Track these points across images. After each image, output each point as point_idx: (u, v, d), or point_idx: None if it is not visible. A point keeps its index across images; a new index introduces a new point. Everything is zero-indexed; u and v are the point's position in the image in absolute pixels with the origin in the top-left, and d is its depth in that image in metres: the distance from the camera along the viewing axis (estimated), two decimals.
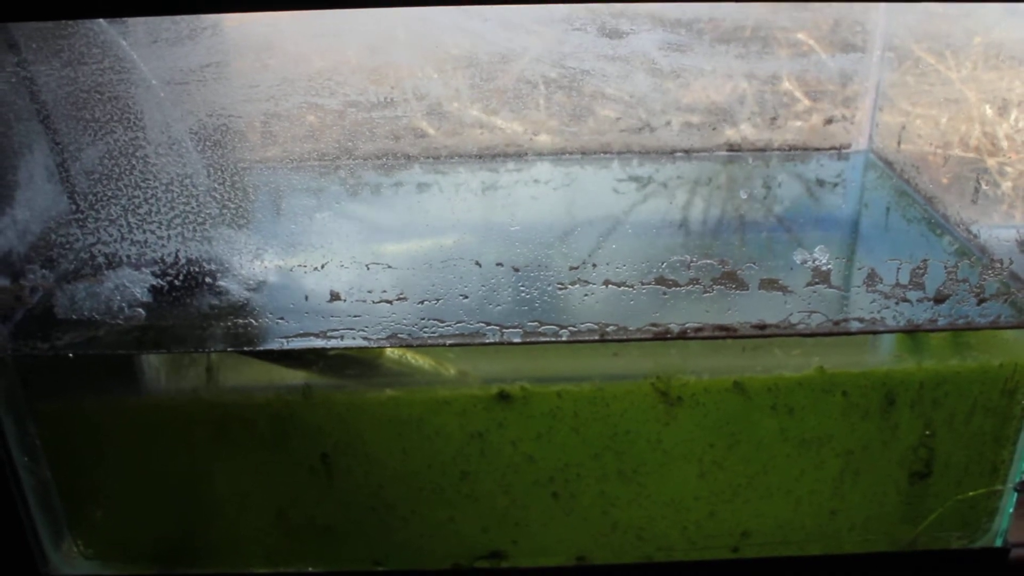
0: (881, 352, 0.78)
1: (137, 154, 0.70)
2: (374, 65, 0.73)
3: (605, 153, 1.02)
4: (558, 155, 1.02)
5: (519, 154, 1.01)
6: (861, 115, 1.00)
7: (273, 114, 0.70)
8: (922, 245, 0.86)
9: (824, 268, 0.71)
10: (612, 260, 0.74)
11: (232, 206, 0.74)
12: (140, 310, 0.72)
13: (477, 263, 0.73)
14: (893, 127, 0.98)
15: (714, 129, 1.00)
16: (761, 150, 1.01)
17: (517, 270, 0.74)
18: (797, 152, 1.01)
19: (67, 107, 0.68)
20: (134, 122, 0.69)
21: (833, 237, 0.90)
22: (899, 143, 0.96)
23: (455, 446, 0.76)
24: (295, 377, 0.76)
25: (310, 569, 0.81)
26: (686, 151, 1.00)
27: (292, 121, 0.72)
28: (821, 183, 0.99)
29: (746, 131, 1.01)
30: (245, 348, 0.74)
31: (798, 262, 0.71)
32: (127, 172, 0.71)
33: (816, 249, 0.71)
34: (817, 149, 1.02)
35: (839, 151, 1.02)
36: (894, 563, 0.81)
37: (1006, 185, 0.85)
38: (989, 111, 0.86)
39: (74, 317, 0.72)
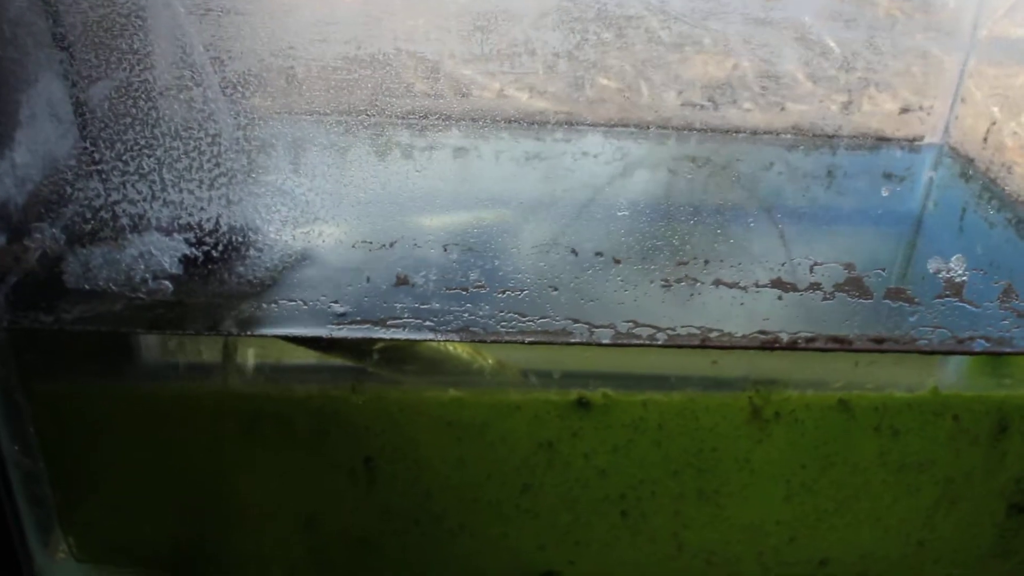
0: (994, 376, 0.71)
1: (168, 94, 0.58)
2: None
3: (662, 128, 0.92)
4: (610, 127, 0.92)
5: (568, 122, 0.91)
6: (939, 106, 0.92)
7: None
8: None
9: (958, 280, 0.63)
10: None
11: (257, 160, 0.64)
12: (166, 283, 0.61)
13: (574, 251, 0.64)
14: (971, 120, 0.91)
15: (782, 109, 0.92)
16: (830, 136, 0.93)
17: (614, 259, 0.64)
18: (868, 140, 0.93)
19: (96, 33, 0.56)
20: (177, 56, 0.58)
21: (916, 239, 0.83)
22: (985, 139, 0.88)
23: (520, 455, 0.66)
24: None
25: None
26: (752, 132, 0.92)
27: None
28: (890, 176, 0.91)
29: (814, 114, 0.93)
30: (282, 333, 0.63)
31: (931, 271, 0.63)
32: (152, 115, 0.59)
33: (953, 259, 0.63)
34: (886, 139, 0.94)
35: (911, 143, 0.94)
36: None
37: None
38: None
39: (86, 287, 0.61)
